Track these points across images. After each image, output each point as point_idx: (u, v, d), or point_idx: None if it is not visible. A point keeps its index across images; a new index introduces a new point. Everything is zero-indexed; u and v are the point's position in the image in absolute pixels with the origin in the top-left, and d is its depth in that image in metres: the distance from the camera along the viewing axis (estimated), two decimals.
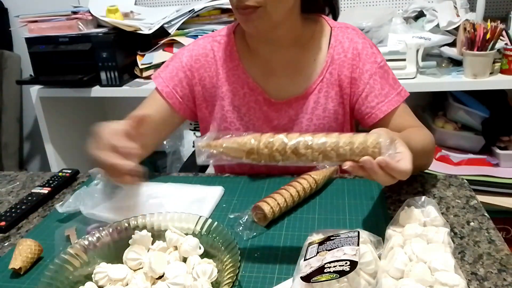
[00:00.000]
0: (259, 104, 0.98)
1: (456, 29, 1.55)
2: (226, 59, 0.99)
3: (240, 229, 0.79)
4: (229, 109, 0.99)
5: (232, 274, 0.59)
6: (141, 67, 1.70)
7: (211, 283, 0.62)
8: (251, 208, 0.81)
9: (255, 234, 0.78)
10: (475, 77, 1.46)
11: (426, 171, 1.58)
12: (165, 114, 1.00)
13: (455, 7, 1.59)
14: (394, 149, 0.63)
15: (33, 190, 0.98)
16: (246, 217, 0.81)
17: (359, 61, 0.95)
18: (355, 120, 1.04)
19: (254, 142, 0.64)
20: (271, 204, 0.80)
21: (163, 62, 1.65)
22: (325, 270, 0.56)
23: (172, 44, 1.68)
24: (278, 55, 0.97)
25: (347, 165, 0.63)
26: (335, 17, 1.04)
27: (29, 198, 0.95)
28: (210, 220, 0.72)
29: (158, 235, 0.72)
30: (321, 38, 0.98)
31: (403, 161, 0.63)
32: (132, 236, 0.70)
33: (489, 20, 1.42)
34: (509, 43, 1.47)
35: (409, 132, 0.90)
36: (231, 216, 0.83)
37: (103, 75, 1.69)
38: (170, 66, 1.02)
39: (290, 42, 0.96)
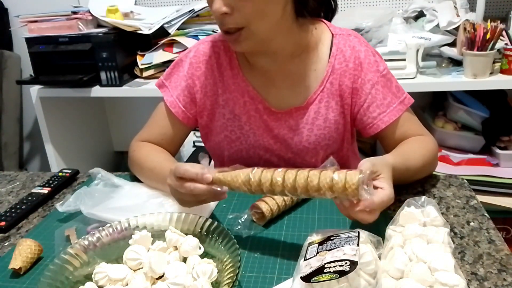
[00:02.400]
0: (259, 113, 0.97)
1: (456, 29, 1.55)
2: (226, 66, 0.97)
3: (239, 227, 0.79)
4: (230, 117, 0.98)
5: (232, 274, 0.59)
6: (141, 67, 1.70)
7: (211, 283, 0.62)
8: (249, 207, 0.81)
9: (254, 233, 0.78)
10: (475, 77, 1.46)
11: None
12: (177, 128, 1.02)
13: (455, 7, 1.59)
14: (370, 188, 0.67)
15: (33, 190, 0.98)
16: (245, 216, 0.81)
17: (361, 70, 0.93)
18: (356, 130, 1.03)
19: (246, 179, 0.71)
20: (270, 203, 0.80)
21: (163, 62, 1.67)
22: (325, 270, 0.56)
23: (172, 44, 1.68)
24: (277, 66, 0.94)
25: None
26: (330, 18, 1.01)
27: (29, 198, 0.95)
28: (210, 220, 0.72)
29: (158, 235, 0.72)
30: (321, 46, 0.95)
31: (379, 193, 0.67)
32: (132, 236, 0.70)
33: (489, 20, 1.42)
34: (509, 43, 1.47)
35: (409, 149, 0.89)
36: (230, 216, 0.83)
37: (103, 75, 1.69)
38: (174, 76, 1.01)
39: (288, 52, 0.93)
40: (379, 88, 0.93)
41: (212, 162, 1.19)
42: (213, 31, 1.65)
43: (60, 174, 1.05)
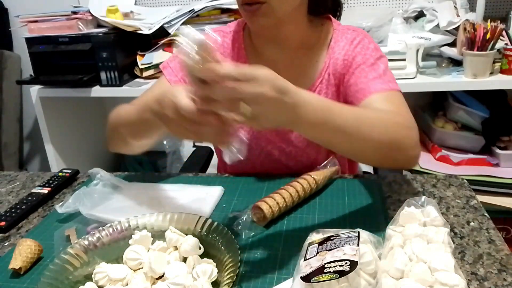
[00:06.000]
0: None
1: (456, 29, 1.55)
2: (233, 56, 0.98)
3: (239, 228, 0.78)
4: None
5: (232, 274, 0.59)
6: (141, 67, 1.70)
7: (211, 283, 0.62)
8: (250, 208, 0.81)
9: (254, 234, 0.78)
10: (475, 77, 1.46)
11: (426, 171, 1.59)
12: None
13: (455, 7, 1.59)
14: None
15: (33, 190, 0.98)
16: (246, 216, 0.80)
17: (350, 55, 0.93)
18: None
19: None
20: (270, 204, 0.80)
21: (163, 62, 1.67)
22: (325, 270, 0.56)
23: (172, 44, 1.68)
24: (284, 56, 0.96)
25: None
26: (336, 16, 1.03)
27: (29, 198, 0.95)
28: (210, 220, 0.72)
29: (158, 235, 0.72)
30: (325, 40, 0.97)
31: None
32: (132, 236, 0.70)
33: (489, 20, 1.42)
34: (509, 43, 1.47)
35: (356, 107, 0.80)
36: (231, 216, 0.83)
37: (103, 75, 1.69)
38: (180, 57, 1.01)
39: (297, 44, 0.95)
40: (365, 68, 0.90)
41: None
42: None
43: (60, 174, 1.05)
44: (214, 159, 1.19)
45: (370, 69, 0.91)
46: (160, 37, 1.70)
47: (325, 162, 0.93)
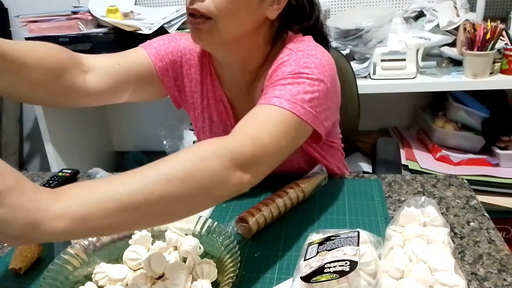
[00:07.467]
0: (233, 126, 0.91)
1: (456, 29, 1.55)
2: (207, 71, 0.95)
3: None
4: (209, 123, 0.97)
5: (232, 274, 0.59)
6: None
7: (211, 283, 0.62)
8: (235, 220, 0.77)
9: (254, 234, 0.77)
10: (475, 77, 1.47)
11: (426, 171, 1.60)
12: (145, 72, 0.93)
13: (455, 7, 1.59)
14: None
15: None
16: (230, 228, 0.75)
17: (272, 72, 0.82)
18: None
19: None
20: (256, 215, 0.76)
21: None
22: (325, 270, 0.56)
23: None
24: (245, 78, 0.91)
25: None
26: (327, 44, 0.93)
27: None
28: (210, 220, 0.72)
29: (158, 235, 0.72)
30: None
31: None
32: (132, 236, 0.70)
33: (489, 20, 1.43)
34: (509, 43, 1.47)
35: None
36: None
37: None
38: (167, 40, 0.97)
39: (257, 66, 0.89)
40: (276, 84, 0.78)
41: None
42: None
43: (60, 174, 1.05)
44: None
45: (279, 86, 0.77)
46: None
47: (313, 170, 0.90)
